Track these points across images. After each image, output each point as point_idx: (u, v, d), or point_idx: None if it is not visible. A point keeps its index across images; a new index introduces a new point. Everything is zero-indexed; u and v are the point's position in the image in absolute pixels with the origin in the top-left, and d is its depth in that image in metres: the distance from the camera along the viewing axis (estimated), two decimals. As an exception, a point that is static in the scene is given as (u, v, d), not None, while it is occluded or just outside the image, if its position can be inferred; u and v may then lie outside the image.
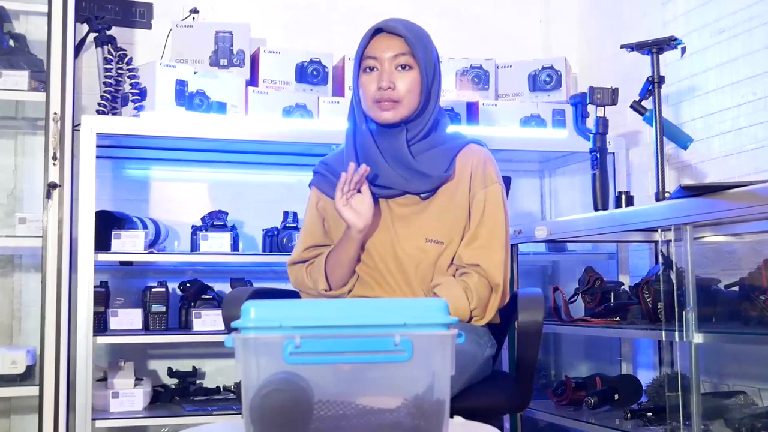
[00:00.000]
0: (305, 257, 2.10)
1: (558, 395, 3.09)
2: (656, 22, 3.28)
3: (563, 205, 3.80)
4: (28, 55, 3.02)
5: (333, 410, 1.26)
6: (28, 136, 3.26)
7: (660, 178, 2.81)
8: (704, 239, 2.80)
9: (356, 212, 1.94)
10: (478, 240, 1.98)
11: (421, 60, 1.98)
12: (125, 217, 3.08)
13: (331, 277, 2.03)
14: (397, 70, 1.98)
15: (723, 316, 2.48)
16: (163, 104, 3.03)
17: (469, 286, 1.94)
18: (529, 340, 1.89)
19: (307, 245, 2.10)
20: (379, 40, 2.00)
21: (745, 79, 2.84)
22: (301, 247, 2.11)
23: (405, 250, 1.98)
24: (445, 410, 1.27)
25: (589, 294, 3.03)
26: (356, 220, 1.94)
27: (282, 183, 3.50)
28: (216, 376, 3.38)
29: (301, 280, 2.09)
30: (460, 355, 1.80)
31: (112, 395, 2.95)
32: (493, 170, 2.05)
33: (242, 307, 1.27)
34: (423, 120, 2.02)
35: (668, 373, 2.84)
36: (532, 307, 1.89)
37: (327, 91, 3.35)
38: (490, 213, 2.00)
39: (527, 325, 1.87)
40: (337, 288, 2.03)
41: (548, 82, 3.54)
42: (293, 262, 2.11)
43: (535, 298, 1.91)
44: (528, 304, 1.89)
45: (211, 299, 3.14)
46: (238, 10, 3.58)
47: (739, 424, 2.40)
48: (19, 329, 3.21)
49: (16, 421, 3.17)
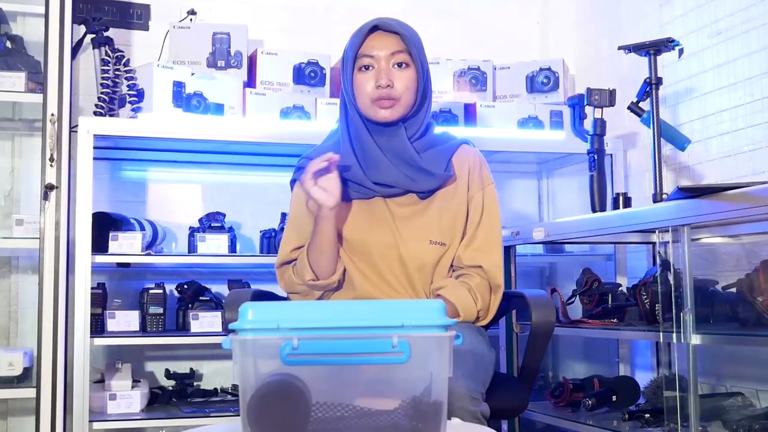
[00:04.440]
0: (293, 257, 2.04)
1: (556, 397, 3.09)
2: (654, 24, 3.28)
3: (561, 206, 3.80)
4: (25, 57, 3.02)
5: (331, 412, 1.26)
6: (25, 138, 3.26)
7: (657, 180, 2.81)
8: (702, 241, 2.80)
9: (325, 190, 1.89)
10: (477, 241, 1.99)
11: (417, 58, 1.97)
12: (122, 219, 3.07)
13: (315, 267, 1.97)
14: (394, 68, 1.96)
15: (720, 318, 2.48)
16: (161, 106, 3.03)
17: (472, 287, 1.94)
18: (539, 342, 1.91)
19: (295, 245, 2.04)
20: (375, 38, 1.97)
21: (743, 81, 2.84)
22: (288, 247, 2.05)
23: (409, 250, 1.96)
24: (443, 412, 1.27)
25: (586, 295, 3.03)
26: (326, 197, 1.89)
27: (279, 184, 3.46)
28: (214, 378, 3.37)
29: (289, 280, 2.03)
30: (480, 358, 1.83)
31: (110, 397, 2.95)
32: (487, 171, 2.06)
33: (240, 308, 1.27)
34: (419, 119, 2.01)
35: (666, 375, 2.84)
36: (545, 308, 1.91)
37: (324, 92, 3.34)
38: (488, 214, 2.01)
39: (541, 326, 1.89)
40: (324, 277, 1.98)
41: (546, 83, 3.54)
42: (282, 263, 2.06)
43: (547, 300, 1.94)
44: (541, 306, 1.91)
45: (208, 301, 3.13)
46: (235, 12, 3.58)
47: (737, 426, 2.40)
48: (16, 331, 3.21)
49: (13, 423, 3.17)
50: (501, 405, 1.93)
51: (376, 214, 2.00)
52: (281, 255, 2.06)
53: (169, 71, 3.07)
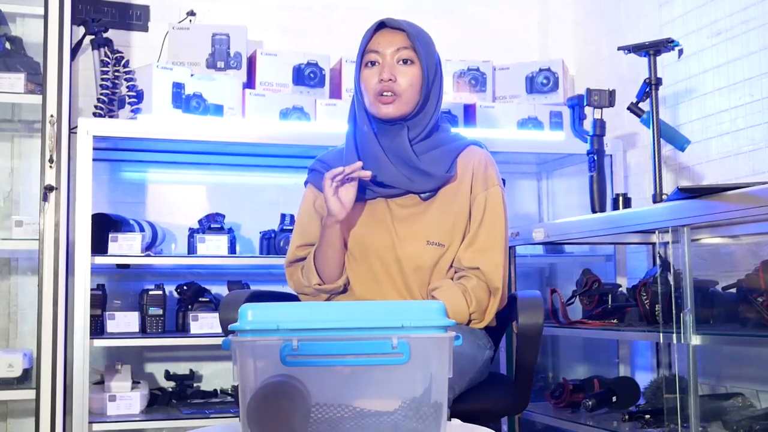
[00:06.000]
0: (300, 255, 2.09)
1: (556, 397, 3.09)
2: (653, 24, 3.28)
3: (561, 207, 3.80)
4: (24, 58, 3.02)
5: (330, 413, 1.25)
6: (24, 139, 3.25)
7: (657, 180, 2.81)
8: (702, 241, 2.80)
9: (341, 202, 1.93)
10: (477, 243, 1.98)
11: (423, 56, 1.98)
12: (122, 220, 3.07)
13: (321, 272, 2.02)
14: (398, 64, 1.98)
15: (721, 318, 2.48)
16: (160, 107, 3.03)
17: (468, 289, 1.93)
18: (528, 343, 1.89)
19: (300, 243, 2.09)
20: (381, 35, 2.00)
21: (742, 81, 2.84)
22: (294, 245, 2.10)
23: (406, 251, 1.97)
24: (443, 413, 1.27)
25: (586, 296, 3.02)
26: (339, 209, 1.93)
27: (279, 185, 3.49)
28: (213, 379, 3.37)
29: (297, 281, 2.08)
30: (461, 358, 1.82)
31: (109, 398, 2.94)
32: (494, 172, 2.04)
33: (239, 309, 1.27)
34: (423, 119, 2.02)
35: (666, 375, 2.84)
36: (531, 309, 1.89)
37: (324, 93, 3.34)
38: (490, 215, 2.00)
39: (527, 327, 1.87)
40: (330, 281, 2.02)
41: (545, 84, 3.54)
42: (290, 262, 2.10)
43: (534, 301, 1.91)
44: (528, 307, 1.89)
45: (208, 302, 3.13)
46: (234, 13, 3.58)
47: (737, 426, 2.40)
48: (16, 332, 3.21)
49: (13, 425, 3.17)
50: (497, 405, 1.93)
51: (376, 215, 2.01)
52: (289, 253, 2.11)
53: (169, 72, 3.07)
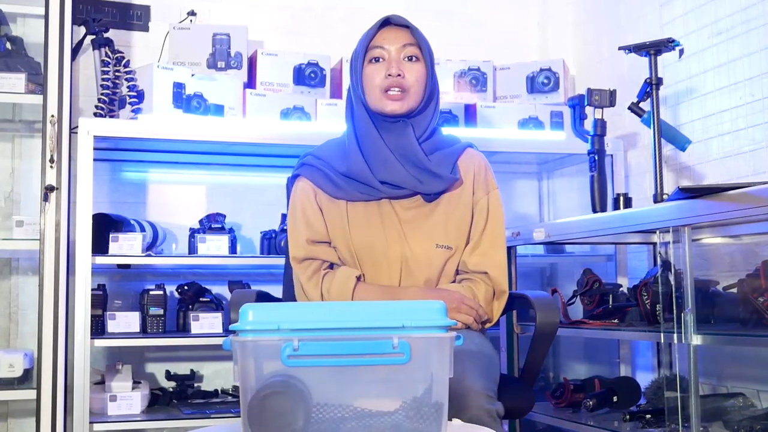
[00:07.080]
0: (313, 254, 1.97)
1: (556, 397, 3.09)
2: (654, 24, 3.28)
3: (561, 207, 3.80)
4: (25, 58, 3.02)
5: (331, 413, 1.25)
6: (25, 139, 3.25)
7: (658, 180, 2.81)
8: (702, 241, 2.80)
9: None
10: (482, 247, 1.99)
11: (427, 53, 1.99)
12: (123, 220, 3.07)
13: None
14: (404, 60, 1.97)
15: (721, 318, 2.48)
16: (161, 107, 3.03)
17: (477, 294, 1.95)
18: (542, 342, 1.93)
19: (307, 237, 1.97)
20: (386, 31, 1.99)
21: (743, 81, 2.84)
22: (302, 238, 1.97)
23: (415, 254, 1.95)
24: (444, 413, 1.27)
25: (587, 296, 3.02)
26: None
27: (280, 185, 3.45)
28: (214, 379, 3.37)
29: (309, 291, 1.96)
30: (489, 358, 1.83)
31: (110, 398, 2.94)
32: (492, 176, 2.06)
33: (240, 309, 1.27)
34: (426, 117, 2.01)
35: (667, 375, 2.83)
36: (548, 308, 1.93)
37: (325, 93, 3.34)
38: (493, 219, 2.01)
39: (545, 327, 1.92)
40: None
41: (546, 84, 3.54)
42: (303, 259, 1.97)
43: (550, 301, 1.96)
44: (545, 307, 1.94)
45: (209, 302, 3.13)
46: (235, 13, 3.58)
47: (738, 426, 2.40)
48: (17, 332, 3.21)
49: (14, 425, 3.17)
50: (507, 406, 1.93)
51: (384, 217, 1.98)
52: (298, 249, 1.98)
53: (169, 72, 3.07)
